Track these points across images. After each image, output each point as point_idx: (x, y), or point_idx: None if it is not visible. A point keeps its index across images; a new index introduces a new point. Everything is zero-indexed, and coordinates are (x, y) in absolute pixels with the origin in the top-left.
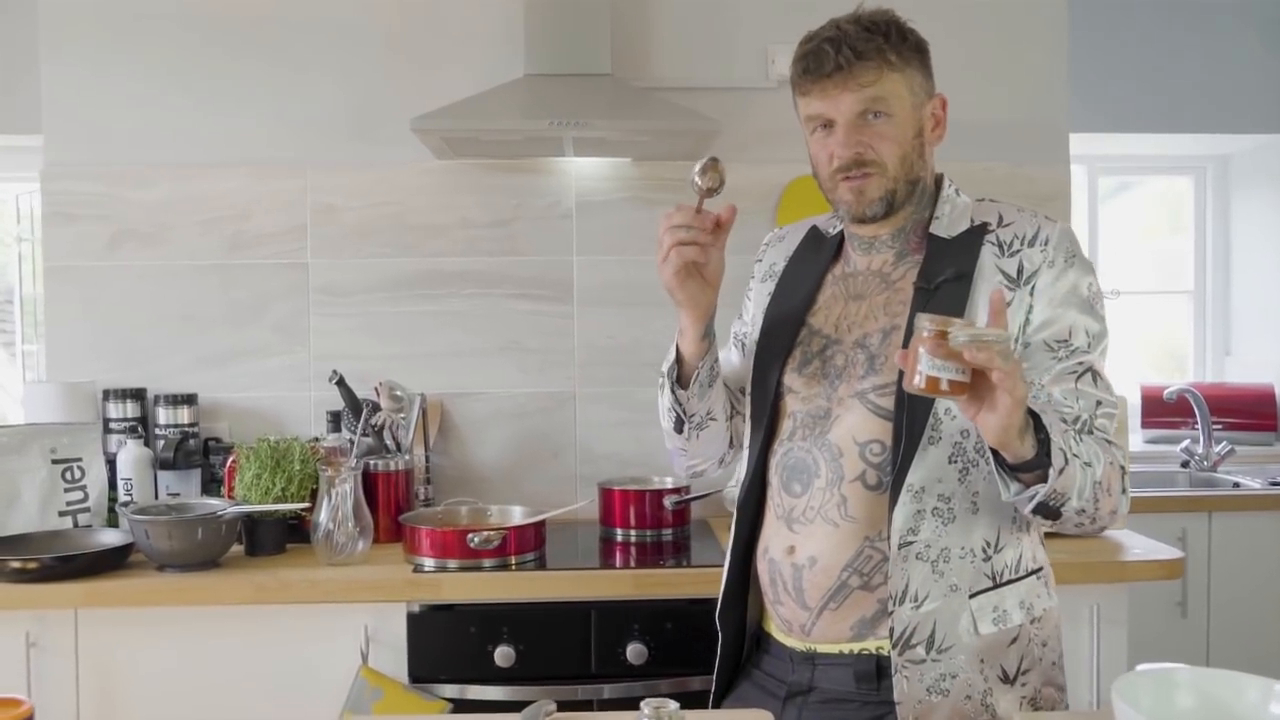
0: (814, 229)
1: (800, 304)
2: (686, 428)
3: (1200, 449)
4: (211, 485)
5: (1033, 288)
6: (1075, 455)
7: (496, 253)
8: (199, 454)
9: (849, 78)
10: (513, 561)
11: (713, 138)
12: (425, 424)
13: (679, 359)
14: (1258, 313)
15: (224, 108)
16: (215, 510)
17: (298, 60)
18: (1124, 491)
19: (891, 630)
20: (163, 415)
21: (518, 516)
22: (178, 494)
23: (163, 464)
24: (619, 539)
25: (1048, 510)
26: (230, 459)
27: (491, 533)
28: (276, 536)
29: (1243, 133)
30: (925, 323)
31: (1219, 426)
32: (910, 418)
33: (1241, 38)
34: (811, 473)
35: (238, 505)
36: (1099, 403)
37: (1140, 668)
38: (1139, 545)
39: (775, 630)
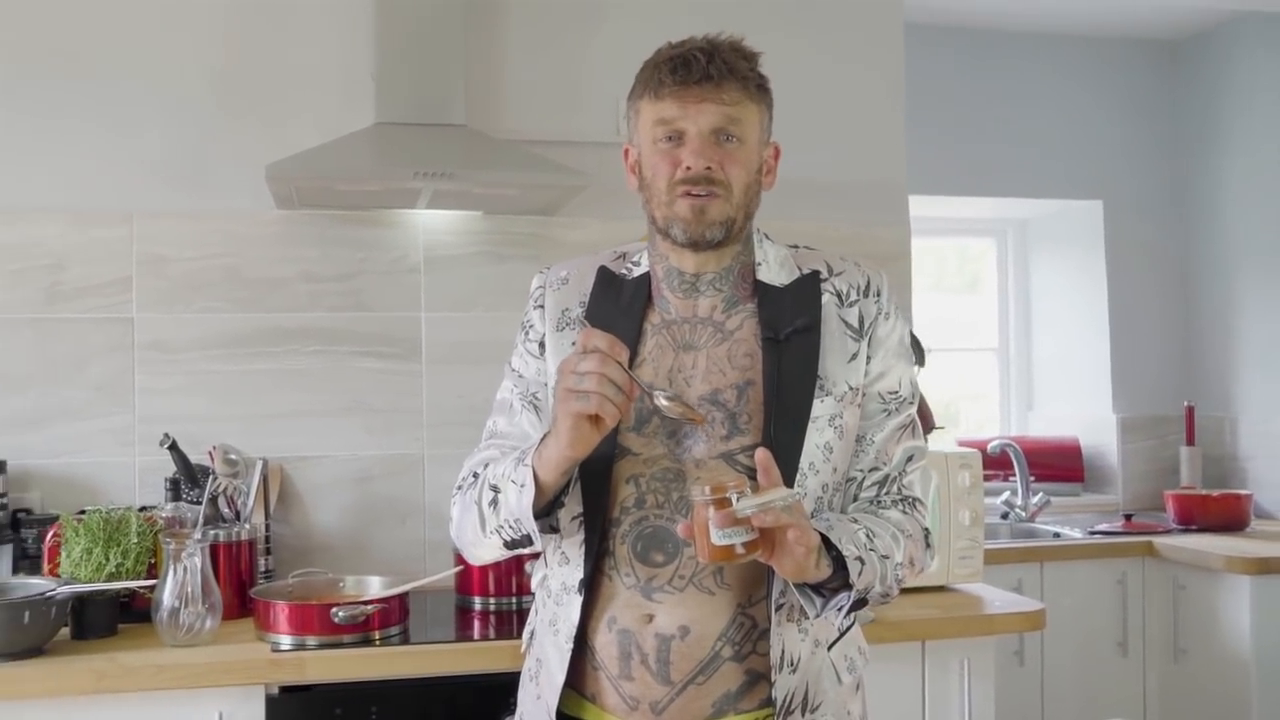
0: (603, 270)
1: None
2: (521, 549)
3: (1019, 500)
4: (23, 562)
5: (870, 338)
6: (872, 550)
7: (340, 308)
8: (8, 527)
9: (715, 90)
10: (376, 636)
11: (576, 192)
12: (265, 490)
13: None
14: (1057, 369)
15: (38, 147)
16: (43, 590)
17: (124, 97)
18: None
19: (775, 701)
20: None
21: (376, 587)
22: None
23: None
24: (478, 608)
25: (854, 607)
26: (51, 533)
27: (361, 607)
28: (109, 617)
29: (1042, 198)
30: (700, 494)
31: (1030, 478)
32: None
33: (1040, 110)
34: (678, 541)
35: (69, 584)
36: (911, 457)
37: None
38: (996, 598)
39: (602, 713)
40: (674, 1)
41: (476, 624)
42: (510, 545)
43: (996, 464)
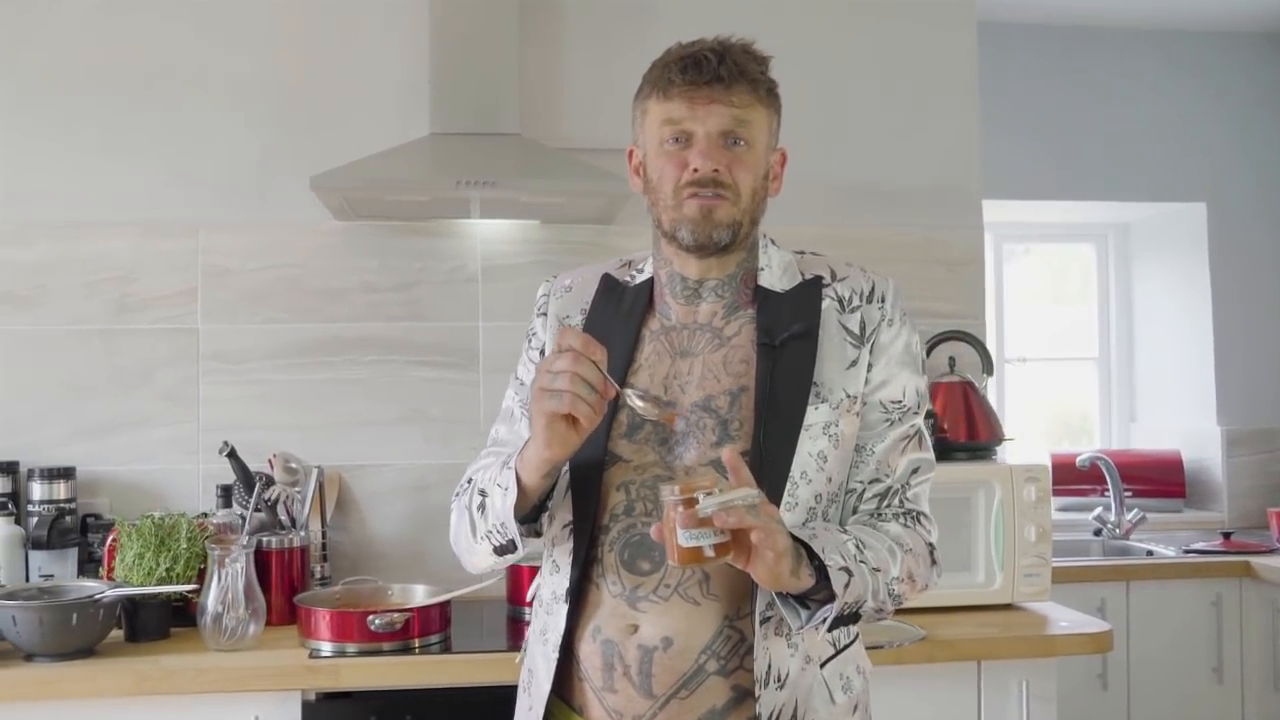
0: (607, 277)
1: (618, 363)
2: (509, 555)
3: (1112, 517)
4: (89, 566)
5: (872, 345)
6: (862, 563)
7: (399, 318)
8: (76, 532)
9: (725, 92)
10: (416, 645)
11: (625, 200)
12: (322, 498)
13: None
14: (1161, 379)
15: (108, 163)
16: (92, 593)
17: (189, 114)
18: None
19: (759, 717)
20: (37, 490)
21: (421, 595)
22: (51, 575)
23: (35, 543)
24: (527, 617)
25: (843, 621)
26: (110, 537)
27: (394, 614)
28: (160, 620)
29: (1142, 201)
30: (669, 494)
31: (1128, 493)
32: (769, 486)
33: (1140, 109)
34: (665, 549)
35: (117, 587)
36: (916, 469)
37: None
38: (1064, 618)
39: None
40: (729, 7)
41: (524, 634)
42: (499, 551)
43: (1093, 478)
